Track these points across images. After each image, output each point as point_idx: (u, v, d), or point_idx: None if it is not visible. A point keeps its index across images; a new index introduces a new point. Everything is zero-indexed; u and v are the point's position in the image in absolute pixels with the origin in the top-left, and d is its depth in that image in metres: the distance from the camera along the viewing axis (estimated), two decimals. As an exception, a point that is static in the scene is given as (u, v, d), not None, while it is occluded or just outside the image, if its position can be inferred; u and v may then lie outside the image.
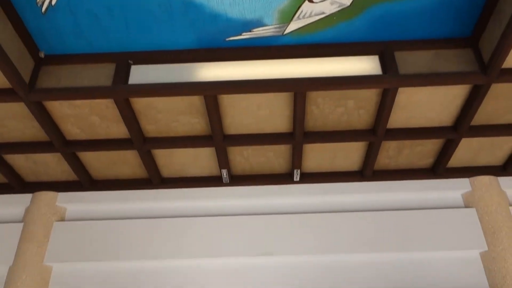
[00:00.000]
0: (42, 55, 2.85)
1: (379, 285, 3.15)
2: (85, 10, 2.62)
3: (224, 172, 3.45)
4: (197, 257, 3.26)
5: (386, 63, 2.75)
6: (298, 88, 2.75)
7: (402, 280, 3.16)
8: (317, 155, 3.39)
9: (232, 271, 3.25)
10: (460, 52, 2.78)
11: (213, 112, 2.91)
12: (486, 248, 3.20)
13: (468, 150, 3.35)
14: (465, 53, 2.77)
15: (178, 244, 3.30)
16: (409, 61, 2.76)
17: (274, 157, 3.40)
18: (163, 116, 3.00)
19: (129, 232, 3.37)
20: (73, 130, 3.12)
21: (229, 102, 2.92)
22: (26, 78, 2.77)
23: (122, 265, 3.28)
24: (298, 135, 3.08)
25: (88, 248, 3.32)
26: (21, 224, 3.44)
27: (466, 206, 3.44)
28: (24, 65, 2.75)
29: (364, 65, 2.79)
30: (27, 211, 3.51)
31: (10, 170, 3.45)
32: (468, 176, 3.51)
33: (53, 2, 2.58)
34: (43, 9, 2.62)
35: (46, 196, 3.54)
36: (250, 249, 3.28)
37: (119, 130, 3.11)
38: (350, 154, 3.39)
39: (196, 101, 2.90)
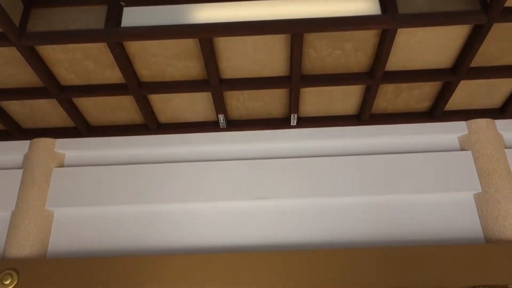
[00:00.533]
0: (31, -4, 2.77)
1: (376, 226, 3.22)
2: None
3: (221, 117, 3.44)
4: (194, 201, 3.32)
5: (386, 2, 2.67)
6: (295, 30, 2.69)
7: (398, 221, 3.23)
8: (314, 99, 3.37)
9: (229, 215, 3.31)
10: (462, -10, 2.70)
11: (209, 56, 2.86)
12: (480, 190, 3.25)
13: (466, 92, 3.33)
14: (466, -8, 2.69)
15: (175, 188, 3.35)
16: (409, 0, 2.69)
17: (271, 101, 3.38)
18: (157, 60, 2.96)
19: (127, 177, 3.41)
20: (67, 75, 3.09)
21: (225, 45, 2.87)
22: (16, 22, 2.70)
23: (121, 209, 3.34)
24: (295, 79, 3.04)
25: (88, 193, 3.37)
26: (21, 171, 3.47)
27: (462, 149, 3.47)
28: (14, 8, 2.67)
29: (362, 4, 2.71)
30: (26, 157, 3.53)
31: (6, 117, 3.44)
32: (465, 119, 3.50)
33: None
34: None
35: (44, 142, 3.55)
36: (247, 193, 3.32)
37: (114, 75, 3.07)
38: (347, 97, 3.37)
39: (191, 44, 2.85)
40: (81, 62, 2.96)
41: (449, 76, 3.10)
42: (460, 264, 2.89)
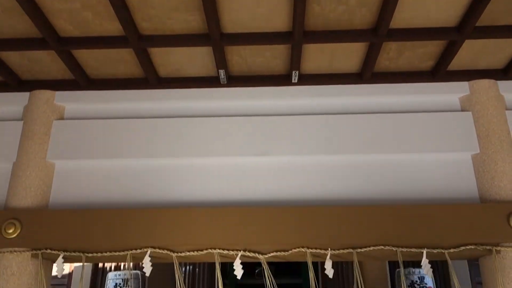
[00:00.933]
0: None
1: (373, 184, 3.26)
2: None
3: (222, 73, 3.41)
4: (194, 156, 3.34)
5: (393, -44, 2.60)
6: (299, -17, 2.62)
7: (396, 179, 3.26)
8: (316, 56, 3.33)
9: (229, 171, 3.34)
10: None
11: (210, 9, 2.80)
12: (478, 151, 3.27)
13: (470, 52, 3.29)
14: None
15: (175, 143, 3.37)
16: (417, -46, 2.61)
17: (272, 57, 3.33)
18: (157, 12, 2.89)
19: (127, 131, 3.42)
20: (66, 26, 3.03)
21: (226, -2, 2.81)
22: (13, -31, 2.64)
23: (121, 162, 3.38)
24: (297, 35, 2.99)
25: (88, 146, 3.39)
26: (21, 122, 3.47)
27: (463, 110, 3.46)
28: (9, -46, 2.60)
29: (369, -42, 2.63)
30: (26, 109, 3.53)
31: (5, 68, 3.41)
32: (468, 80, 3.48)
33: None
34: None
35: (43, 94, 3.54)
36: (247, 149, 3.35)
37: (113, 27, 3.02)
38: (350, 55, 3.33)
39: (192, -4, 2.79)
40: (79, 12, 2.90)
41: (454, 35, 3.05)
42: (454, 223, 2.95)
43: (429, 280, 6.53)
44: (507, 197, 3.08)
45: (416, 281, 6.77)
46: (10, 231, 3.00)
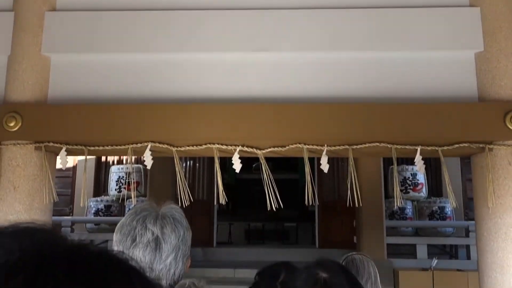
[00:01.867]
0: None
1: (372, 82, 3.23)
2: None
3: (220, -39, 3.22)
4: (193, 51, 3.27)
5: None
6: None
7: (396, 77, 3.22)
8: None
9: (228, 66, 3.29)
10: None
11: None
12: (482, 49, 3.19)
13: None
14: None
15: (172, 37, 3.27)
16: None
17: None
18: None
19: (122, 23, 3.30)
20: None
21: None
22: None
23: (119, 56, 3.31)
24: None
25: (84, 39, 3.29)
26: (12, 13, 3.34)
27: (471, 5, 3.31)
28: None
29: None
30: (15, -1, 3.38)
31: (-11, -47, 3.21)
32: (480, -28, 3.30)
33: None
34: None
35: (32, -17, 3.37)
36: (246, 44, 3.26)
37: None
38: None
39: None
40: None
41: None
42: (450, 121, 2.98)
43: (421, 177, 6.80)
44: (506, 96, 3.07)
45: (409, 178, 7.04)
46: (12, 124, 3.03)
